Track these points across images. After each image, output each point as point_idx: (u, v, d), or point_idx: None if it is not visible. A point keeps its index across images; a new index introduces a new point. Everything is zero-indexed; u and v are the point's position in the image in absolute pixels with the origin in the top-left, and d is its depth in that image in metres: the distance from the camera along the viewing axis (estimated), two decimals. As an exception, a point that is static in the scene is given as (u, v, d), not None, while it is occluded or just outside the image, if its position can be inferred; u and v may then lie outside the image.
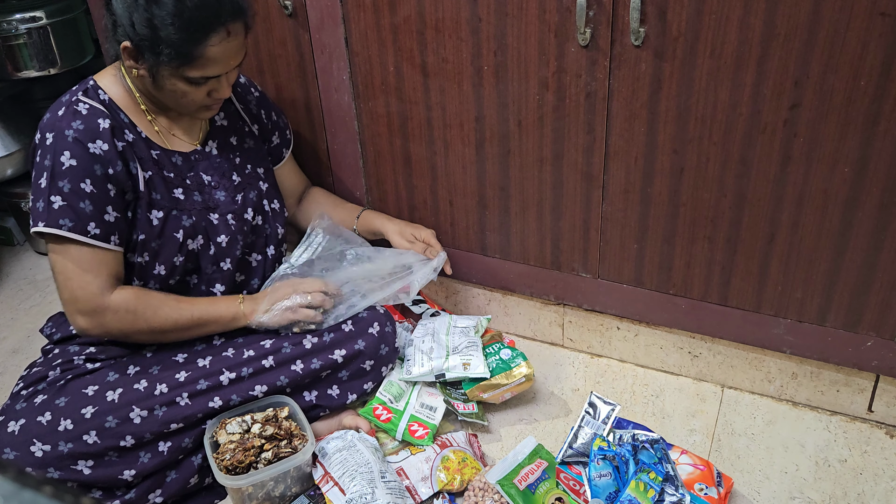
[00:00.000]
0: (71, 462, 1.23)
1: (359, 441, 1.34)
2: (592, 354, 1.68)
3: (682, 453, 1.35)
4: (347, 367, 1.42)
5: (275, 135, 1.57)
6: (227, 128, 1.46)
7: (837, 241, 1.28)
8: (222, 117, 1.46)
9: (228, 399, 1.32)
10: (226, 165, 1.43)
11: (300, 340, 1.39)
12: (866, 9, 1.09)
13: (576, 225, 1.49)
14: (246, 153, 1.48)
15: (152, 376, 1.31)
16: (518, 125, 1.43)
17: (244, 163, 1.47)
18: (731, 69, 1.21)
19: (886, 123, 1.15)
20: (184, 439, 1.30)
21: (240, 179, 1.44)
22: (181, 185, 1.36)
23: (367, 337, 1.42)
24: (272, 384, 1.36)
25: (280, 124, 1.58)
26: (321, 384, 1.41)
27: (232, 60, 1.26)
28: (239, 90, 1.51)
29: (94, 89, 1.30)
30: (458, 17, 1.38)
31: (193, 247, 1.36)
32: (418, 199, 1.64)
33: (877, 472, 1.35)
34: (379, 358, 1.44)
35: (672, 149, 1.32)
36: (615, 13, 1.24)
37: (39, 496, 0.37)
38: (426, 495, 1.31)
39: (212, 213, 1.39)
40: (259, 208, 1.47)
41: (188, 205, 1.35)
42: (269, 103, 1.57)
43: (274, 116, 1.57)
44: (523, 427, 1.51)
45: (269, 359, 1.36)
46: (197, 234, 1.36)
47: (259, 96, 1.55)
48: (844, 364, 1.38)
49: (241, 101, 1.51)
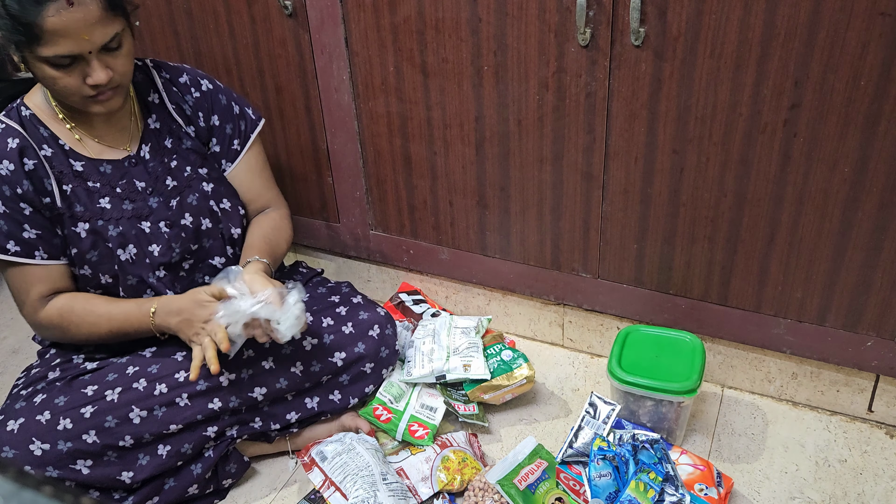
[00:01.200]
0: (70, 461, 1.23)
1: (358, 443, 1.34)
2: (592, 354, 1.68)
3: (682, 453, 1.35)
4: (348, 371, 1.42)
5: (213, 141, 1.43)
6: (161, 130, 1.38)
7: (837, 241, 1.28)
8: (154, 119, 1.37)
9: (228, 400, 1.32)
10: (160, 170, 1.36)
11: (300, 343, 1.39)
12: (866, 9, 1.09)
13: (576, 225, 1.49)
14: (184, 154, 1.39)
15: (151, 376, 1.30)
16: (518, 125, 1.43)
17: (182, 165, 1.38)
18: (731, 69, 1.21)
19: (886, 123, 1.15)
20: (183, 444, 1.30)
21: (175, 184, 1.37)
22: (109, 195, 1.32)
23: (368, 339, 1.42)
24: (272, 386, 1.35)
25: (225, 131, 1.43)
26: (322, 390, 1.41)
27: (85, 35, 1.13)
28: (174, 89, 1.40)
29: (18, 107, 1.29)
30: (458, 17, 1.38)
31: (126, 257, 1.32)
32: (418, 199, 1.64)
33: (877, 472, 1.35)
34: (379, 361, 1.44)
35: (672, 149, 1.32)
36: (615, 13, 1.24)
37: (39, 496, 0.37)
38: (426, 495, 1.31)
39: (143, 221, 1.33)
40: (203, 211, 1.38)
41: (115, 214, 1.31)
42: (215, 106, 1.42)
43: (216, 121, 1.42)
44: (523, 427, 1.51)
45: (268, 360, 1.36)
46: (128, 243, 1.32)
47: (199, 97, 1.41)
48: (844, 364, 1.38)
49: (174, 101, 1.40)
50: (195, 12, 1.66)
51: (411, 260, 1.74)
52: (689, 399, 1.34)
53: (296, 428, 1.42)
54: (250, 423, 1.37)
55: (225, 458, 1.38)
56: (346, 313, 1.45)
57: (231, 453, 1.38)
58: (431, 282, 1.78)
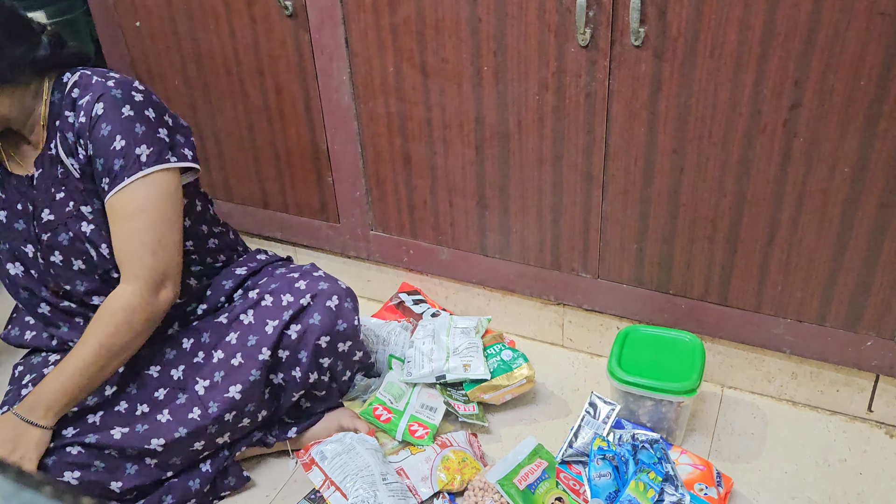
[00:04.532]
0: (57, 472, 1.22)
1: (358, 443, 1.34)
2: (592, 354, 1.68)
3: (682, 453, 1.35)
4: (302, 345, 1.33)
5: (92, 178, 1.24)
6: (55, 157, 1.24)
7: (837, 241, 1.28)
8: (54, 143, 1.24)
9: (207, 407, 1.29)
10: (43, 198, 1.26)
11: (262, 325, 1.31)
12: (866, 9, 1.09)
13: (575, 225, 1.49)
14: (70, 188, 1.24)
15: (131, 396, 1.30)
16: (518, 125, 1.43)
17: (66, 199, 1.25)
18: (731, 69, 1.21)
19: (886, 123, 1.15)
20: (171, 458, 1.29)
21: (52, 218, 1.25)
22: (8, 209, 1.29)
23: (325, 311, 1.33)
24: (245, 381, 1.30)
25: (96, 166, 1.21)
26: (285, 368, 1.34)
27: None
28: (66, 113, 1.22)
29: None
30: (457, 18, 1.38)
31: (15, 272, 1.31)
32: (418, 199, 1.64)
33: (877, 471, 1.35)
34: (335, 334, 1.34)
35: (672, 149, 1.32)
36: (615, 13, 1.24)
37: (39, 496, 0.37)
38: (426, 495, 1.31)
39: (27, 244, 1.29)
40: (77, 252, 1.26)
41: (6, 230, 1.29)
42: (92, 135, 1.19)
43: (92, 152, 1.20)
44: (523, 427, 1.51)
45: (237, 356, 1.31)
46: (15, 260, 1.30)
47: (83, 123, 1.19)
48: (844, 364, 1.38)
49: (62, 128, 1.23)
50: (195, 13, 1.66)
51: (411, 260, 1.74)
52: (689, 399, 1.34)
53: (294, 432, 1.42)
54: (243, 439, 1.37)
55: (224, 472, 1.37)
56: (306, 287, 1.35)
57: (230, 467, 1.38)
58: (431, 282, 1.78)
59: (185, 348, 1.35)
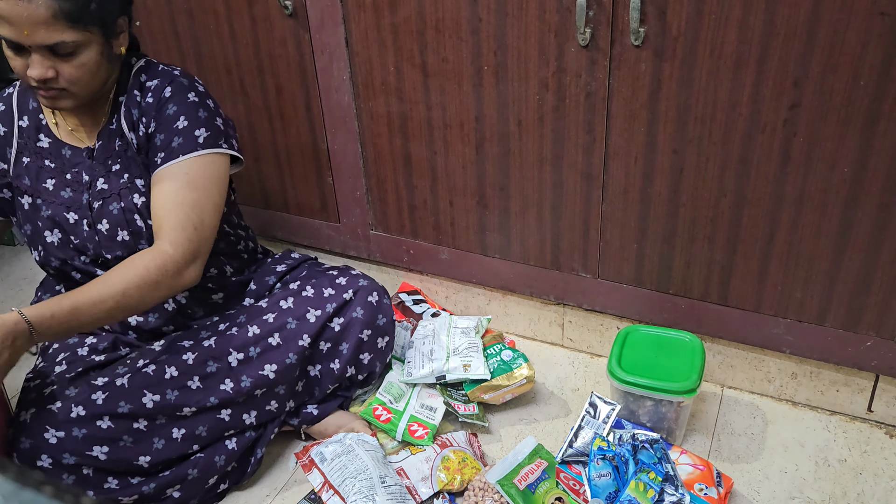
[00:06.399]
0: (86, 447, 1.23)
1: (357, 445, 1.34)
2: (592, 354, 1.68)
3: (682, 453, 1.35)
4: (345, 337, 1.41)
5: (148, 153, 1.31)
6: (115, 130, 1.32)
7: (837, 241, 1.28)
8: (117, 119, 1.32)
9: (239, 381, 1.33)
10: (100, 170, 1.32)
11: (304, 311, 1.39)
12: (866, 9, 1.09)
13: (576, 225, 1.49)
14: (127, 161, 1.32)
15: (161, 362, 1.32)
16: (518, 125, 1.43)
17: (122, 171, 1.32)
18: (730, 69, 1.21)
19: (886, 123, 1.15)
20: (197, 427, 1.31)
21: (106, 187, 1.32)
22: (57, 177, 1.33)
23: (367, 306, 1.42)
24: (281, 362, 1.35)
25: (155, 141, 1.29)
26: (324, 359, 1.42)
27: (26, 30, 1.12)
28: (134, 92, 1.31)
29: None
30: (458, 18, 1.38)
31: (52, 239, 1.34)
32: (418, 199, 1.64)
33: (877, 472, 1.35)
34: (376, 328, 1.43)
35: (672, 149, 1.32)
36: (615, 13, 1.24)
37: (39, 496, 0.37)
38: (426, 495, 1.31)
39: (71, 212, 1.32)
40: (124, 223, 1.32)
41: (52, 197, 1.33)
42: (159, 113, 1.30)
43: (153, 128, 1.30)
44: (523, 427, 1.51)
45: (275, 336, 1.36)
46: (54, 227, 1.33)
47: (150, 103, 1.30)
48: (844, 364, 1.39)
49: (129, 104, 1.32)
50: (195, 12, 1.66)
51: (411, 260, 1.74)
52: (689, 399, 1.34)
53: (315, 410, 1.44)
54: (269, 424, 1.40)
55: (249, 450, 1.39)
56: (346, 282, 1.44)
57: (256, 448, 1.40)
58: (431, 282, 1.78)
59: (216, 321, 1.41)
